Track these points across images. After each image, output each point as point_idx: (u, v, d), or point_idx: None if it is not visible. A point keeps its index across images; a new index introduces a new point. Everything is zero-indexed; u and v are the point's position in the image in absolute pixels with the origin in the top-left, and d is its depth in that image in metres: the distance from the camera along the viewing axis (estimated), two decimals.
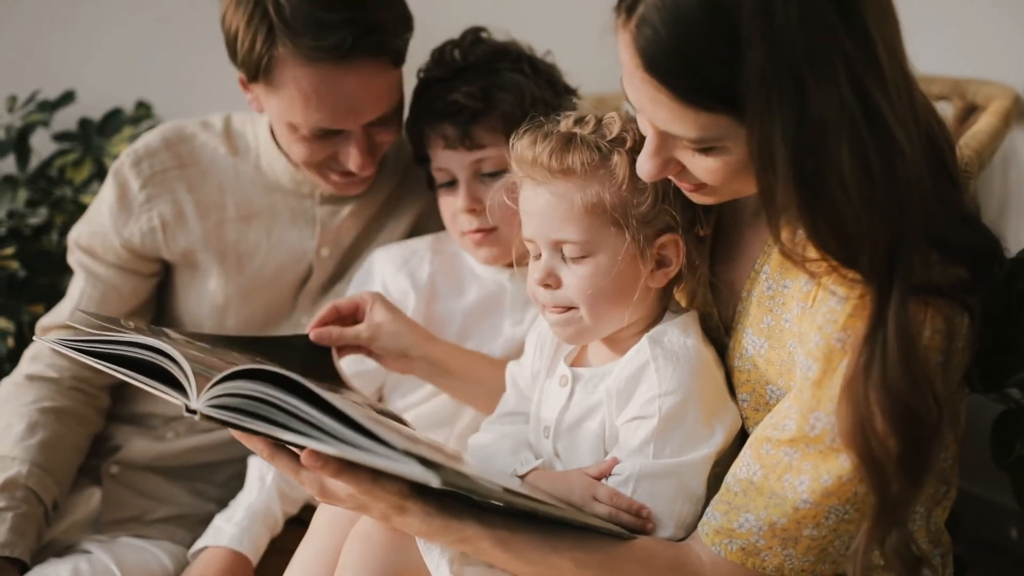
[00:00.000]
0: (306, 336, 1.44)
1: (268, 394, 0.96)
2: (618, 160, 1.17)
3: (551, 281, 1.21)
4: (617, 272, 1.19)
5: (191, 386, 1.01)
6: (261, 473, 1.58)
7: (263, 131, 1.69)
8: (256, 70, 1.50)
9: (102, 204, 1.70)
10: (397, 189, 1.75)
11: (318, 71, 1.47)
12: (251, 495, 1.56)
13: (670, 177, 1.14)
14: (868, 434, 1.02)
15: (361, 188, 1.66)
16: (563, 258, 1.20)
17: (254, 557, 1.51)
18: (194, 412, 1.00)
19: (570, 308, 1.21)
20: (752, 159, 1.01)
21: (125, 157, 1.69)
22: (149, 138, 1.71)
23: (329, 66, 1.46)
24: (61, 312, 1.73)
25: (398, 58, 1.54)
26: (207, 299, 1.71)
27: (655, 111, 1.04)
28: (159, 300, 1.77)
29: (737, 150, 1.04)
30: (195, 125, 1.73)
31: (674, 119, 1.03)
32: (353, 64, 1.47)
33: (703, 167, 1.08)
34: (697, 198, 1.16)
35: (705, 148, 1.05)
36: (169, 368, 1.04)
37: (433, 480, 0.89)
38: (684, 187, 1.15)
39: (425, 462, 0.91)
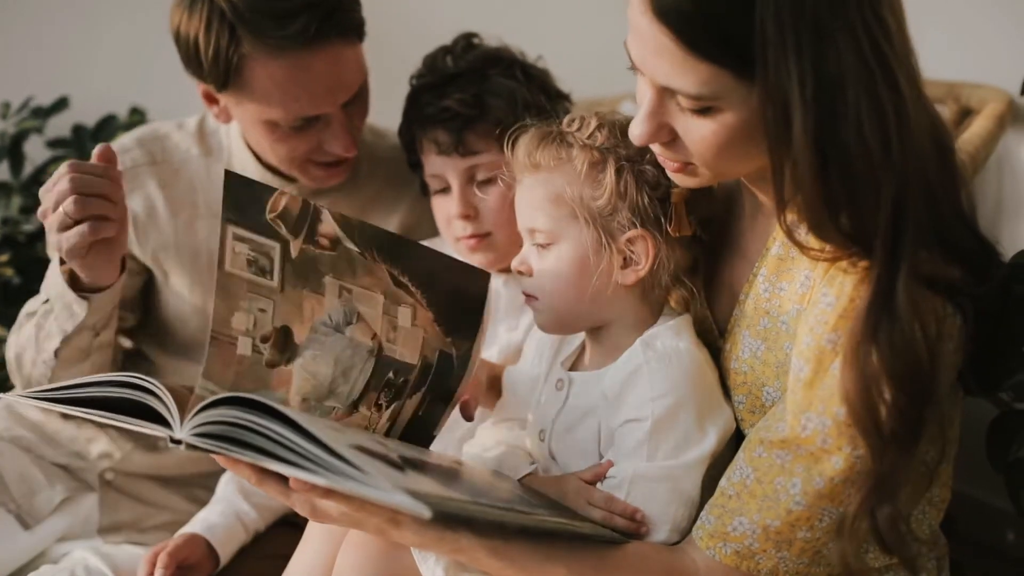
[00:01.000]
0: (478, 272, 1.27)
1: (252, 422, 0.95)
2: (578, 153, 1.20)
3: (523, 268, 1.25)
4: (576, 263, 1.21)
5: (173, 417, 1.00)
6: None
7: (235, 131, 1.70)
8: (225, 76, 1.50)
9: None
10: (379, 190, 1.76)
11: (288, 60, 1.48)
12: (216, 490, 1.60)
13: (657, 155, 1.14)
14: (875, 398, 1.02)
15: (342, 177, 1.66)
16: (535, 247, 1.24)
17: (207, 533, 1.52)
18: (179, 442, 1.00)
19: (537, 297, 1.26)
20: (764, 117, 1.01)
21: None
22: (123, 138, 1.73)
23: (298, 53, 1.47)
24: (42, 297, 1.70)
25: (359, 33, 1.56)
26: (186, 300, 1.71)
27: (657, 62, 1.04)
28: (144, 302, 1.76)
29: (734, 114, 1.04)
30: (169, 126, 1.75)
31: (676, 70, 1.02)
32: (320, 47, 1.48)
33: (697, 133, 1.07)
34: (681, 179, 1.15)
35: (702, 109, 1.04)
36: (149, 402, 1.03)
37: (424, 511, 0.89)
38: (669, 166, 1.14)
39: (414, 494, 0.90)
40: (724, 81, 1.01)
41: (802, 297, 1.14)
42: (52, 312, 1.52)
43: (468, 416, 1.30)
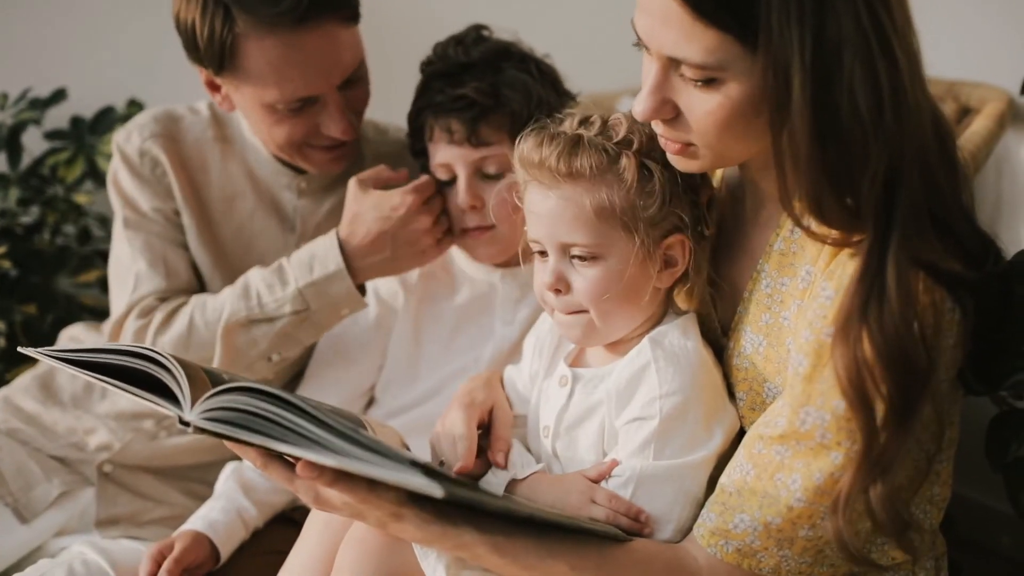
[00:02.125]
0: None
1: (264, 408, 0.95)
2: (626, 163, 1.16)
3: (560, 286, 1.20)
4: (627, 275, 1.18)
5: (185, 398, 1.00)
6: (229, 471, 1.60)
7: (246, 122, 1.71)
8: (221, 57, 1.52)
9: (120, 184, 1.70)
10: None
11: (282, 39, 1.50)
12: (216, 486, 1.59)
13: (659, 135, 1.14)
14: (863, 374, 1.02)
15: (344, 163, 1.68)
16: (571, 261, 1.20)
17: (209, 531, 1.51)
18: (187, 424, 0.99)
19: (580, 311, 1.21)
20: (765, 85, 1.02)
21: (117, 136, 1.72)
22: (137, 117, 1.75)
23: (291, 30, 1.49)
24: (134, 284, 1.68)
25: (354, 14, 1.58)
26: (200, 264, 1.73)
27: (664, 31, 1.04)
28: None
29: (738, 85, 1.04)
30: (184, 109, 1.76)
31: (683, 38, 1.03)
32: (314, 26, 1.50)
33: (701, 108, 1.07)
34: (681, 163, 1.15)
35: (707, 79, 1.05)
36: (162, 378, 1.03)
37: (436, 491, 0.89)
38: (670, 148, 1.14)
39: (428, 471, 0.90)
40: (730, 49, 1.02)
41: (803, 292, 1.14)
42: (302, 322, 1.58)
43: (502, 464, 1.26)
